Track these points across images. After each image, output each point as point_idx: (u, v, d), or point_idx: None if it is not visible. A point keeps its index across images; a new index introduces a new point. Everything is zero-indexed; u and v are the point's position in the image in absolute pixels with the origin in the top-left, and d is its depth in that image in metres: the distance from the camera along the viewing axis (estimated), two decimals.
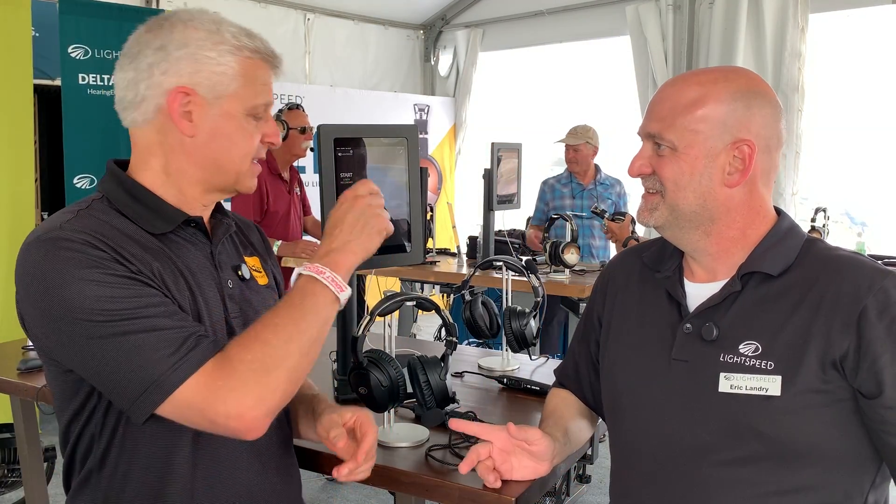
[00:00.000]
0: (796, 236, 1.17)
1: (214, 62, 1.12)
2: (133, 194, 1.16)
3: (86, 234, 1.06)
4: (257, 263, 1.32)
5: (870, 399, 1.05)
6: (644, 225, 1.21)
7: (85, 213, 1.12)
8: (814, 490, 1.08)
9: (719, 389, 1.10)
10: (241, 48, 1.14)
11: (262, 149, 1.21)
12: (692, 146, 1.12)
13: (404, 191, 1.78)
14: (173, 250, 1.16)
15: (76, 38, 3.73)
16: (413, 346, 2.21)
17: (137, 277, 1.06)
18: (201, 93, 1.13)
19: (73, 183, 3.76)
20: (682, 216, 1.16)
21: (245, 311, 1.23)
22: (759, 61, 4.80)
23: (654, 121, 1.15)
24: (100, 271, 1.03)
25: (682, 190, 1.14)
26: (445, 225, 4.26)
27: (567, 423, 1.33)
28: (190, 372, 1.01)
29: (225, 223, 1.26)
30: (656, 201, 1.17)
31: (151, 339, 1.02)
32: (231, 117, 1.15)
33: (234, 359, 1.03)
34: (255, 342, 1.04)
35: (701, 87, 1.13)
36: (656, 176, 1.16)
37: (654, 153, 1.17)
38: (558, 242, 3.44)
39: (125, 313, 1.02)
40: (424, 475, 1.33)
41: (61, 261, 1.02)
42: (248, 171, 1.20)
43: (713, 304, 1.15)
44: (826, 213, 3.83)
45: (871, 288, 1.06)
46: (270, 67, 1.19)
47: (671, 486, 1.15)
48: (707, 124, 1.11)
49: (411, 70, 6.95)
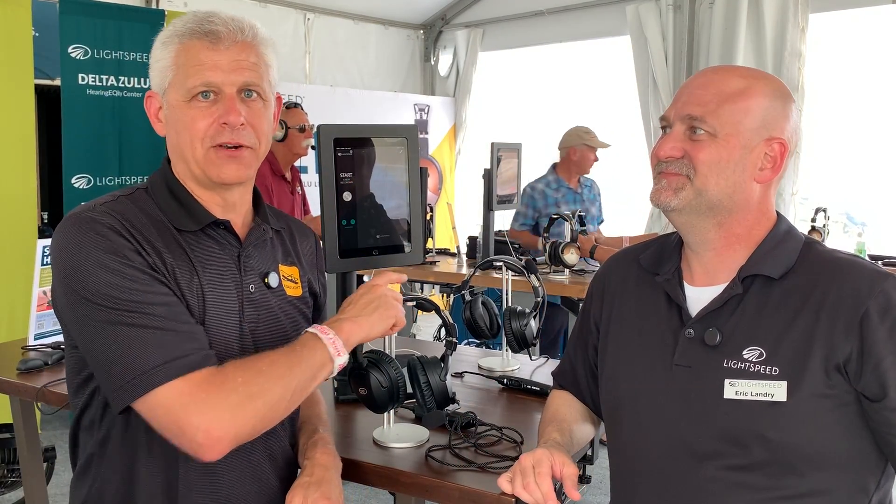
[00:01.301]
0: (795, 238, 1.17)
1: (156, 59, 1.17)
2: (171, 189, 1.19)
3: (115, 219, 1.10)
4: (294, 274, 1.31)
5: (874, 402, 1.05)
6: (663, 205, 1.17)
7: (125, 199, 1.17)
8: (819, 494, 1.08)
9: (724, 396, 1.10)
10: (173, 36, 1.15)
11: (221, 132, 1.14)
12: (733, 135, 1.12)
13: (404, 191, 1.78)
14: (197, 249, 1.17)
15: (76, 38, 3.72)
16: (413, 346, 2.21)
17: (153, 273, 1.08)
18: (157, 92, 1.18)
19: (72, 183, 3.75)
20: (706, 202, 1.14)
21: (264, 317, 1.22)
22: (759, 61, 4.80)
23: (695, 104, 1.14)
24: (118, 259, 1.06)
25: (715, 176, 1.13)
26: (445, 225, 4.26)
27: (571, 426, 1.32)
28: (178, 374, 1.03)
29: (261, 228, 1.25)
30: (682, 182, 1.15)
31: (150, 337, 1.04)
32: (174, 107, 1.15)
33: (228, 376, 1.05)
34: (251, 368, 1.07)
35: (744, 79, 1.14)
36: (687, 159, 1.14)
37: (686, 137, 1.15)
38: (558, 242, 3.43)
39: (132, 305, 1.04)
40: (424, 475, 1.33)
41: (86, 241, 1.07)
42: (206, 157, 1.15)
43: (715, 308, 1.15)
44: (826, 213, 3.83)
45: (871, 291, 1.06)
46: (207, 42, 1.13)
47: (674, 492, 1.14)
48: (750, 116, 1.12)
49: (411, 70, 6.94)
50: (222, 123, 1.13)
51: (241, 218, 1.24)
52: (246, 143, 1.16)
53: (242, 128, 1.15)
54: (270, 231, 1.27)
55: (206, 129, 1.13)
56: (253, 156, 1.19)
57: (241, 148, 1.16)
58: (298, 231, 1.37)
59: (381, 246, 1.74)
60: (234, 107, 1.14)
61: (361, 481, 1.40)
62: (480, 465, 1.35)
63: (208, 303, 1.14)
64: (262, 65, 1.17)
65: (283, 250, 1.30)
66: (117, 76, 3.84)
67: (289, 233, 1.35)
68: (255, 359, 1.09)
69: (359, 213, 1.69)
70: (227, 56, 1.13)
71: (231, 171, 1.16)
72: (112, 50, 3.83)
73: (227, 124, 1.13)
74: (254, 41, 1.17)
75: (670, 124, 1.17)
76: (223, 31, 1.13)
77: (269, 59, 1.19)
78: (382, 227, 1.73)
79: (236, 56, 1.14)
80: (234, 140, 1.15)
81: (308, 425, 1.35)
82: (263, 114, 1.18)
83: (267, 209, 1.31)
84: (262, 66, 1.17)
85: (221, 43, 1.13)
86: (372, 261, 1.73)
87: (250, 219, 1.26)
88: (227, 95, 1.14)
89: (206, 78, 1.12)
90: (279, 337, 1.24)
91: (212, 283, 1.16)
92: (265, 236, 1.25)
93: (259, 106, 1.17)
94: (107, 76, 3.82)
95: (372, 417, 1.52)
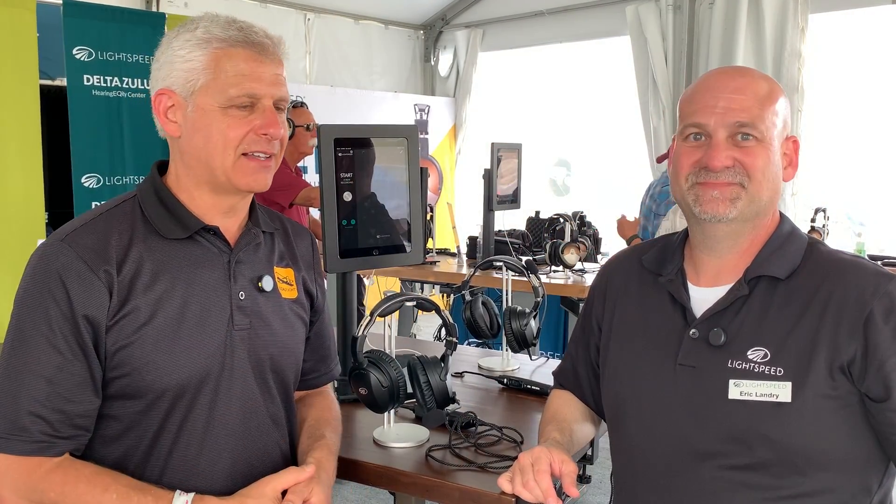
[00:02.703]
0: (799, 239, 1.18)
1: (183, 59, 1.14)
2: (160, 197, 1.19)
3: (78, 252, 1.11)
4: (289, 276, 1.30)
5: (878, 402, 1.06)
6: (721, 217, 1.13)
7: (106, 216, 1.17)
8: (822, 493, 1.08)
9: (729, 396, 1.10)
10: (209, 40, 1.13)
11: (258, 141, 1.15)
12: (773, 138, 1.13)
13: (404, 191, 1.78)
14: (184, 258, 1.17)
15: (80, 41, 3.76)
16: (413, 346, 2.22)
17: (76, 342, 1.09)
18: (178, 91, 1.15)
19: (81, 182, 3.80)
20: (756, 208, 1.14)
21: (256, 324, 1.22)
22: (759, 61, 4.80)
23: (738, 111, 1.12)
24: (46, 309, 1.09)
25: (767, 181, 1.14)
26: (445, 225, 4.26)
27: (572, 426, 1.32)
28: (11, 451, 1.07)
29: (252, 233, 1.24)
30: (737, 192, 1.13)
31: (25, 386, 1.08)
32: (204, 111, 1.14)
33: (57, 481, 1.07)
34: (75, 490, 1.07)
35: (765, 81, 1.16)
36: (739, 166, 1.12)
37: (731, 144, 1.13)
38: (558, 242, 3.43)
39: (28, 355, 1.09)
40: (424, 475, 1.33)
41: (36, 275, 1.11)
42: (234, 165, 1.15)
43: (720, 308, 1.14)
44: (826, 213, 3.83)
45: (875, 292, 1.06)
46: (253, 53, 1.14)
47: (678, 491, 1.15)
48: (779, 117, 1.14)
49: (411, 70, 6.95)
50: (262, 134, 1.15)
51: (239, 222, 1.24)
52: (275, 151, 1.19)
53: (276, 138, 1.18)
54: (260, 235, 1.26)
55: (241, 137, 1.14)
56: (276, 164, 1.21)
57: (269, 158, 1.18)
58: (294, 231, 1.36)
59: (381, 246, 1.74)
60: (276, 120, 1.16)
61: (361, 481, 1.40)
62: (480, 465, 1.35)
63: (192, 311, 1.15)
64: (285, 79, 1.20)
65: (277, 252, 1.30)
66: (121, 77, 3.87)
67: (283, 233, 1.34)
68: (97, 482, 1.08)
69: (359, 213, 1.70)
70: (269, 69, 1.15)
71: (261, 180, 1.18)
72: (115, 52, 3.86)
73: (267, 135, 1.16)
74: (283, 57, 1.20)
75: (708, 132, 1.14)
76: (268, 44, 1.16)
77: None
78: (382, 227, 1.74)
79: (276, 70, 1.17)
80: (269, 150, 1.17)
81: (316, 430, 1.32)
82: (284, 124, 1.21)
83: (261, 211, 1.31)
84: (286, 80, 1.21)
85: (266, 56, 1.15)
86: (372, 261, 1.74)
87: (244, 222, 1.26)
88: (267, 108, 1.15)
89: (251, 89, 1.13)
90: (273, 343, 1.24)
91: (197, 292, 1.16)
92: (256, 240, 1.25)
93: (282, 118, 1.20)
94: (111, 77, 3.85)
95: (372, 417, 1.52)
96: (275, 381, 1.26)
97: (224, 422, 1.18)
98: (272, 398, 1.25)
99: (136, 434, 1.15)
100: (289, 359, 1.28)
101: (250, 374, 1.21)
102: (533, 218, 4.48)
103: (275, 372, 1.25)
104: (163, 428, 1.15)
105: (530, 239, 4.35)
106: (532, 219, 4.48)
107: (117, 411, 1.14)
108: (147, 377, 1.12)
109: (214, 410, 1.17)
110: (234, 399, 1.19)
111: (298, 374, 1.34)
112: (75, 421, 1.10)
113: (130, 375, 1.12)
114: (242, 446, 1.21)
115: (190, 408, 1.15)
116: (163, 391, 1.13)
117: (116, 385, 1.13)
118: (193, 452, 1.16)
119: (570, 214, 3.60)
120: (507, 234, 4.01)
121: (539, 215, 4.46)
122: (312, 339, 1.37)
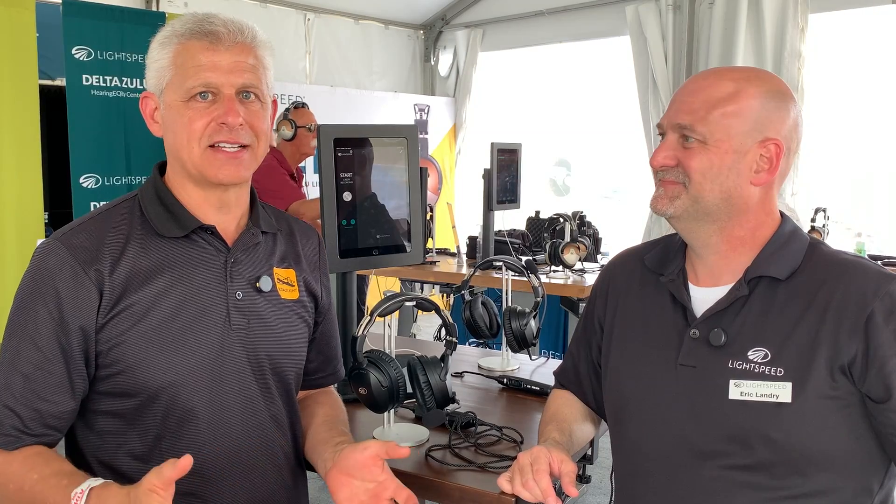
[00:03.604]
0: (800, 239, 1.17)
1: (154, 60, 1.17)
2: (160, 196, 1.20)
3: (71, 250, 1.12)
4: (290, 276, 1.29)
5: (878, 403, 1.06)
6: (661, 213, 1.18)
7: (104, 216, 1.18)
8: (823, 494, 1.08)
9: (729, 396, 1.10)
10: (171, 38, 1.15)
11: (220, 131, 1.13)
12: (723, 140, 1.12)
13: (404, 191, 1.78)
14: (181, 257, 1.17)
15: (80, 40, 3.75)
16: (413, 346, 2.22)
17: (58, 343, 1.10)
18: (154, 92, 1.18)
19: (80, 182, 3.80)
20: (703, 209, 1.14)
21: (253, 324, 1.21)
22: (759, 61, 4.80)
23: (684, 112, 1.14)
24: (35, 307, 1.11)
25: (709, 182, 1.13)
26: (445, 225, 4.26)
27: (571, 426, 1.32)
28: None
29: (250, 234, 1.24)
30: (678, 191, 1.15)
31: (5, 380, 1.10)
32: (171, 107, 1.15)
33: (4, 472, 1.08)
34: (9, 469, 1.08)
35: (735, 82, 1.13)
36: (681, 168, 1.14)
37: (679, 145, 1.15)
38: (558, 242, 3.43)
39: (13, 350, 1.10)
40: (424, 475, 1.33)
41: (31, 273, 1.13)
42: (202, 158, 1.14)
43: (720, 308, 1.14)
44: (826, 213, 3.83)
45: (877, 292, 1.06)
46: (207, 43, 1.13)
47: (678, 491, 1.15)
48: (740, 120, 1.11)
49: (411, 70, 6.95)
50: (220, 123, 1.13)
51: (236, 220, 1.24)
52: (244, 141, 1.16)
53: (241, 128, 1.15)
54: (259, 235, 1.25)
55: (203, 128, 1.13)
56: (252, 156, 1.18)
57: (242, 149, 1.16)
58: (301, 231, 1.35)
59: (381, 246, 1.74)
60: (234, 107, 1.13)
61: None
62: (480, 465, 1.36)
63: (184, 311, 1.15)
64: (260, 67, 1.17)
65: (278, 252, 1.29)
66: (120, 77, 3.86)
67: (289, 234, 1.33)
68: (30, 464, 1.08)
69: (359, 213, 1.70)
70: (226, 57, 1.13)
71: (231, 172, 1.16)
72: (115, 51, 3.86)
73: (225, 124, 1.13)
74: (252, 43, 1.16)
75: (664, 132, 1.17)
76: (223, 31, 1.13)
77: (266, 62, 1.19)
78: (382, 226, 1.74)
79: (235, 57, 1.14)
80: (231, 139, 1.14)
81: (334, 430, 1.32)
82: (262, 114, 1.18)
83: (267, 210, 1.30)
84: (261, 68, 1.17)
85: (221, 44, 1.13)
86: (372, 261, 1.74)
87: (245, 221, 1.25)
88: (226, 96, 1.13)
89: (206, 79, 1.12)
90: (272, 343, 1.23)
91: (192, 292, 1.16)
92: (255, 240, 1.24)
93: (257, 107, 1.17)
94: (110, 77, 3.84)
95: (372, 417, 1.52)
96: (275, 381, 1.26)
97: (224, 422, 1.18)
98: (273, 398, 1.25)
99: (139, 431, 1.15)
100: (289, 359, 1.28)
101: (249, 375, 1.21)
102: (533, 218, 4.48)
103: (275, 372, 1.25)
104: (163, 426, 1.15)
105: (530, 239, 4.34)
106: (532, 219, 4.48)
107: (116, 408, 1.15)
108: (140, 375, 1.12)
109: (214, 410, 1.17)
110: (234, 399, 1.19)
111: (300, 374, 1.33)
112: (47, 420, 1.10)
113: (124, 373, 1.12)
114: (243, 446, 1.21)
115: (189, 407, 1.15)
116: (157, 389, 1.13)
117: (111, 382, 1.13)
118: (194, 452, 1.16)
119: (570, 214, 3.60)
120: (506, 234, 4.01)
121: (539, 215, 4.46)
122: (318, 339, 1.37)
